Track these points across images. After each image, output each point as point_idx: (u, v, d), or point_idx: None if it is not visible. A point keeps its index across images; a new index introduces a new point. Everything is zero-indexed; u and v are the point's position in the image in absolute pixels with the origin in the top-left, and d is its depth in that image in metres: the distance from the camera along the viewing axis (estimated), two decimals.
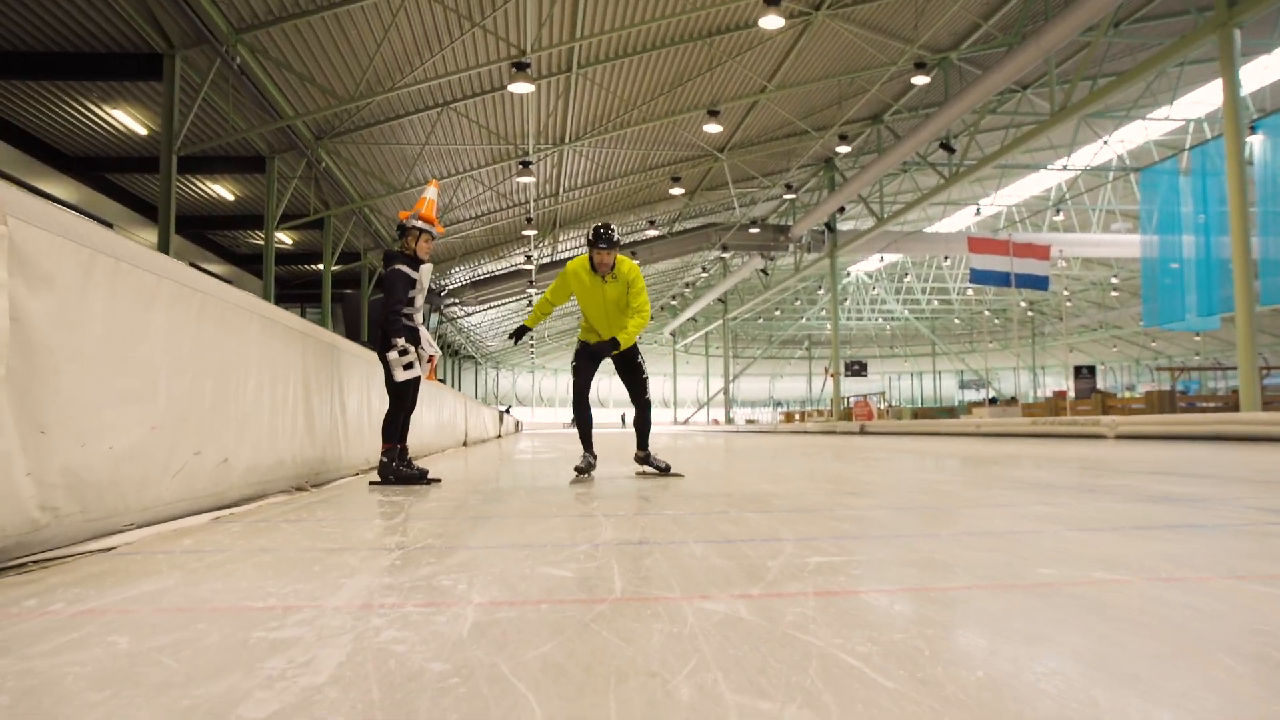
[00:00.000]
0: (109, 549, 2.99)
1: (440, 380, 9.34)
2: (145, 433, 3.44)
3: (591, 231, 6.04)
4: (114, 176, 20.52)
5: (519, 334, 6.72)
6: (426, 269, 6.36)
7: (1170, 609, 1.95)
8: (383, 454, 6.20)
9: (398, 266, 6.17)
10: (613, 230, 6.03)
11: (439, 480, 6.40)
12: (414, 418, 6.63)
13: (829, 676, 1.46)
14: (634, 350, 6.46)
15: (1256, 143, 19.19)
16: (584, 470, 6.33)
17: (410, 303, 6.24)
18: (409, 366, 6.03)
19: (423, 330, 6.34)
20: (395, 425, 6.24)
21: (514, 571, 2.55)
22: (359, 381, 7.58)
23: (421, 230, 6.23)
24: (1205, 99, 25.58)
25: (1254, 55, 21.68)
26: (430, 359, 6.40)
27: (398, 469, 6.16)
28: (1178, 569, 2.44)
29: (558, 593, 2.23)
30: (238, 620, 1.93)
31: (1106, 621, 1.83)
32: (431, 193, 6.50)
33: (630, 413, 6.86)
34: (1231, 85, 15.11)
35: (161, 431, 3.59)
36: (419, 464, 6.74)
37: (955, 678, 1.44)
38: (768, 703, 1.33)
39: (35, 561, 2.69)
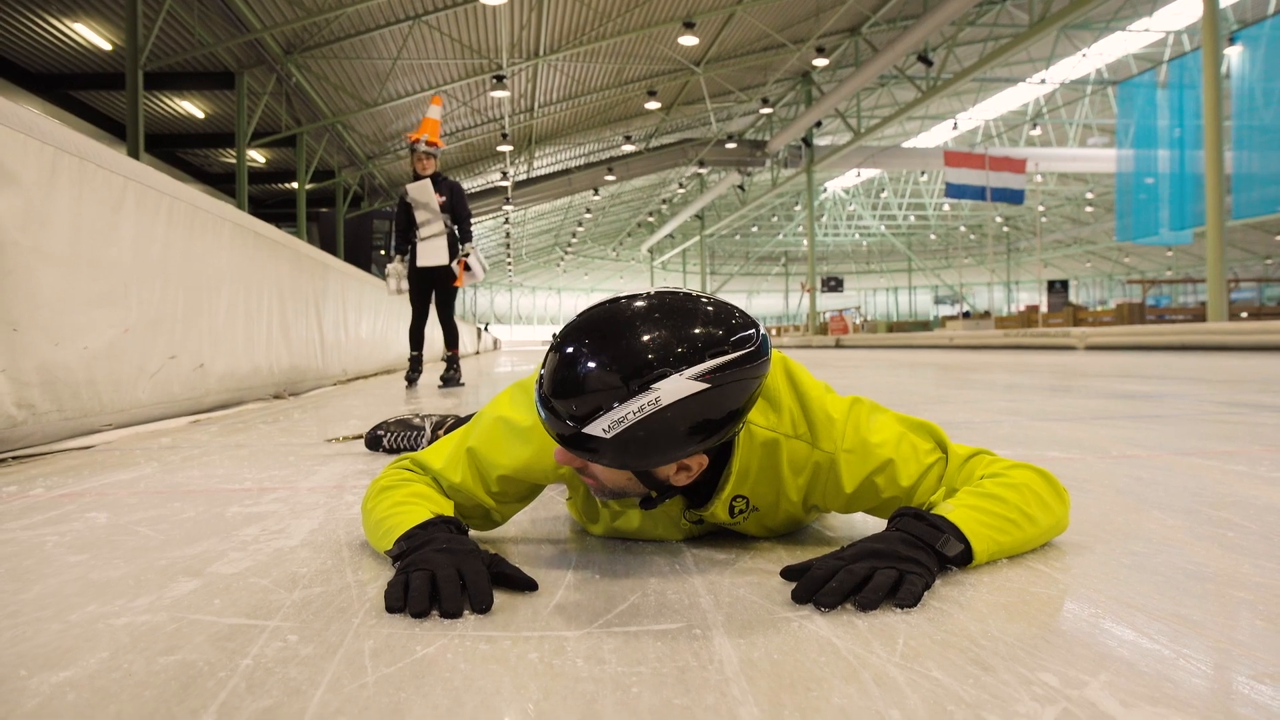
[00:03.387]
0: (87, 447, 3.03)
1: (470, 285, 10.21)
2: (118, 335, 3.45)
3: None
4: (79, 94, 19.86)
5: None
6: (416, 185, 6.58)
7: (1116, 478, 2.03)
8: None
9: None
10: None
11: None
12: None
13: None
14: None
15: (1234, 55, 19.06)
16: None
17: (413, 223, 6.57)
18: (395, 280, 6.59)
19: (420, 245, 6.56)
20: (413, 334, 6.76)
21: None
22: (335, 294, 7.57)
23: (411, 148, 6.56)
24: (1185, 10, 25.23)
25: None
26: (460, 260, 6.62)
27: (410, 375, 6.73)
28: (1128, 448, 2.54)
29: None
30: (214, 499, 1.99)
31: None
32: (432, 111, 6.89)
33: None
34: None
35: (134, 334, 3.60)
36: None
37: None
38: None
39: (15, 457, 2.73)
